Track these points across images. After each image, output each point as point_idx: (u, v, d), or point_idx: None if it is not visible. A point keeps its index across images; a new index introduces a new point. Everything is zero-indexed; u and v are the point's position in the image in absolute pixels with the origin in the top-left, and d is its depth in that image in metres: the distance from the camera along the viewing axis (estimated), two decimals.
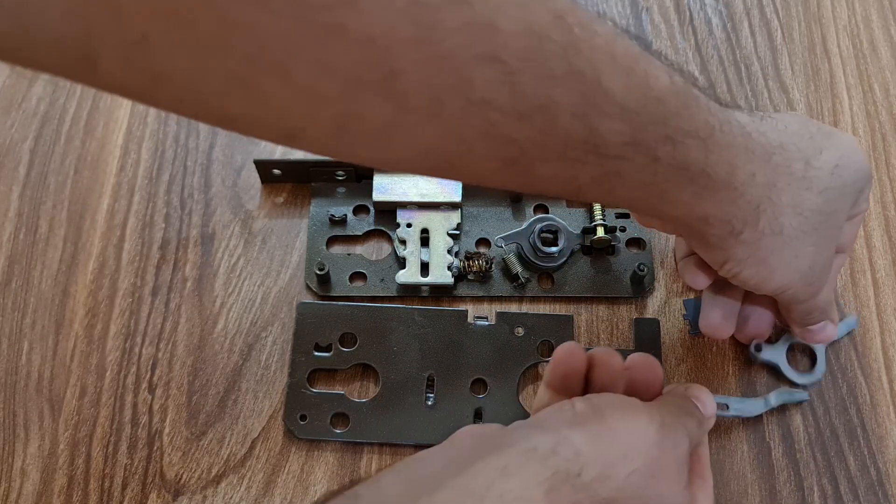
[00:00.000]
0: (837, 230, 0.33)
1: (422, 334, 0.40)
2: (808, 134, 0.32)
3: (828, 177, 0.31)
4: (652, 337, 0.41)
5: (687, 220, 0.31)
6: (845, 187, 0.32)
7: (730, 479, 0.38)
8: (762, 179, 0.30)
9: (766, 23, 0.52)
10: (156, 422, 0.39)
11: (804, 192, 0.31)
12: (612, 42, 0.26)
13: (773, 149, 0.30)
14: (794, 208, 0.31)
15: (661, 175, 0.28)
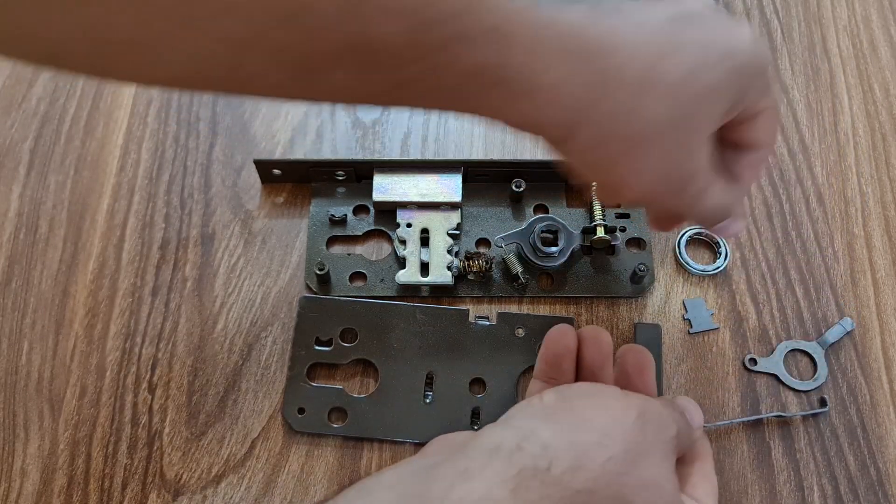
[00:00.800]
0: (699, 134, 0.30)
1: (422, 332, 0.40)
2: (669, 30, 0.29)
3: (677, 82, 0.28)
4: (653, 342, 0.41)
5: (516, 125, 0.29)
6: (707, 90, 0.29)
7: (730, 479, 0.38)
8: (579, 81, 0.27)
9: (766, 23, 0.52)
10: (156, 422, 0.39)
11: (637, 99, 0.28)
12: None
13: (599, 51, 0.27)
14: (625, 116, 0.28)
15: (455, 79, 0.27)
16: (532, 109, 0.28)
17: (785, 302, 0.43)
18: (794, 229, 0.45)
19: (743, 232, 0.38)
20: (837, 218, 0.45)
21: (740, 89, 0.30)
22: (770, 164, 0.46)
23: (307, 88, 0.27)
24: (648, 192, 0.30)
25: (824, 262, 0.44)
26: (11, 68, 0.48)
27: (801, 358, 0.41)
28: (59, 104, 0.47)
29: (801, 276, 0.43)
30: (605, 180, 0.31)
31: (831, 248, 0.44)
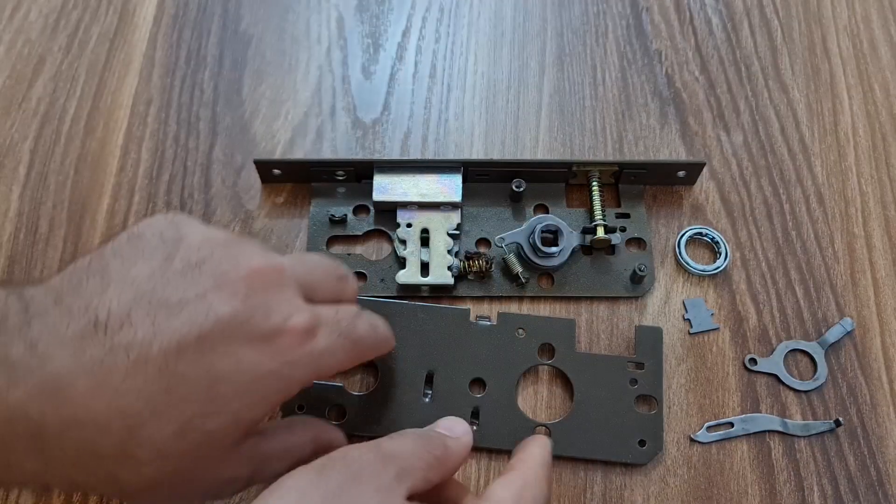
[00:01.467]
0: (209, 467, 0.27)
1: (423, 331, 0.40)
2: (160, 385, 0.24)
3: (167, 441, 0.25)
4: (653, 344, 0.41)
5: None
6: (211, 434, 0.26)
7: (730, 479, 0.38)
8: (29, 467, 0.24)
9: (766, 23, 0.52)
10: None
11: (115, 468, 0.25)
12: None
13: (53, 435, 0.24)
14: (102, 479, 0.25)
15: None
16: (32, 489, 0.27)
17: (785, 302, 0.43)
18: (794, 229, 0.45)
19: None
20: (837, 218, 0.45)
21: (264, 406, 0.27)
22: (770, 164, 0.46)
23: None
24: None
25: (824, 262, 0.44)
26: (11, 68, 0.48)
27: (802, 358, 0.41)
28: (59, 104, 0.47)
29: (802, 277, 0.43)
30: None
31: (831, 248, 0.44)
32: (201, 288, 0.26)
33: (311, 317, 0.28)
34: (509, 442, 0.38)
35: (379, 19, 0.52)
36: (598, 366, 0.40)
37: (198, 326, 0.25)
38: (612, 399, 0.39)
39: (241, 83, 0.49)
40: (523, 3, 0.53)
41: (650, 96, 0.49)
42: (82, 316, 0.24)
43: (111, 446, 0.24)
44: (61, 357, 0.24)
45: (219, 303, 0.26)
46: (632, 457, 0.38)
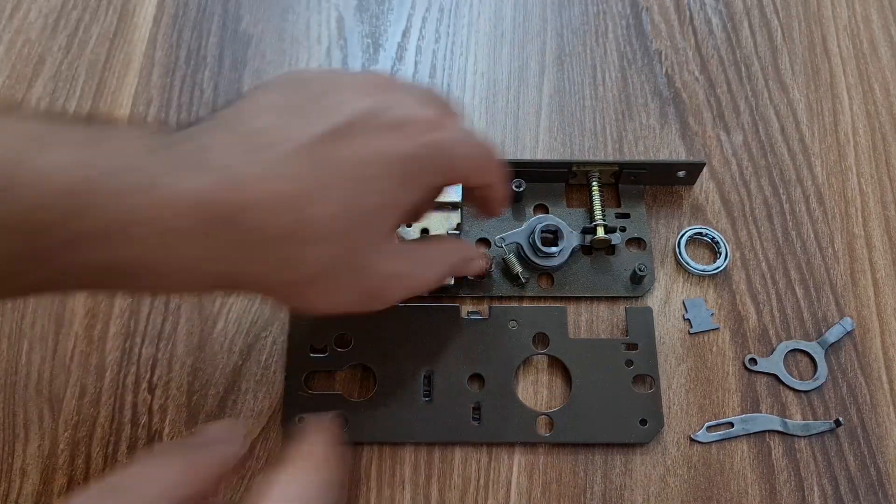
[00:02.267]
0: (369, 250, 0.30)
1: (416, 332, 0.40)
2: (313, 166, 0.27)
3: (331, 217, 0.27)
4: (645, 325, 0.41)
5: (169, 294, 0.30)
6: (367, 216, 0.28)
7: (730, 479, 0.38)
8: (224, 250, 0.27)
9: (766, 23, 0.52)
10: (155, 422, 0.39)
11: (290, 250, 0.27)
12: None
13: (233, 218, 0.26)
14: (280, 270, 0.28)
15: (88, 275, 0.26)
16: (176, 286, 0.29)
17: (785, 302, 0.43)
18: (794, 229, 0.45)
19: (483, 272, 0.39)
20: (837, 218, 0.45)
21: (413, 192, 0.30)
22: (770, 164, 0.46)
23: None
24: (347, 311, 0.31)
25: (824, 262, 0.44)
26: (11, 68, 0.48)
27: (802, 358, 0.41)
28: (59, 104, 0.47)
29: (802, 276, 0.43)
30: (296, 309, 0.31)
31: (831, 248, 0.44)
32: (334, 95, 0.29)
33: (433, 113, 0.31)
34: (513, 435, 0.38)
35: (379, 19, 0.52)
36: (592, 350, 0.40)
37: (339, 119, 0.28)
38: (609, 382, 0.39)
39: (241, 83, 0.49)
40: (523, 3, 0.53)
41: (650, 96, 0.49)
42: (238, 127, 0.28)
43: (282, 227, 0.27)
44: (229, 154, 0.26)
45: (353, 100, 0.29)
46: (634, 437, 0.38)
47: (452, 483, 0.38)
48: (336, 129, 0.28)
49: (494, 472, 0.38)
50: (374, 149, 0.28)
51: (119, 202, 0.25)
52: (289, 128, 0.28)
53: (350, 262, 0.29)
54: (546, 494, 0.38)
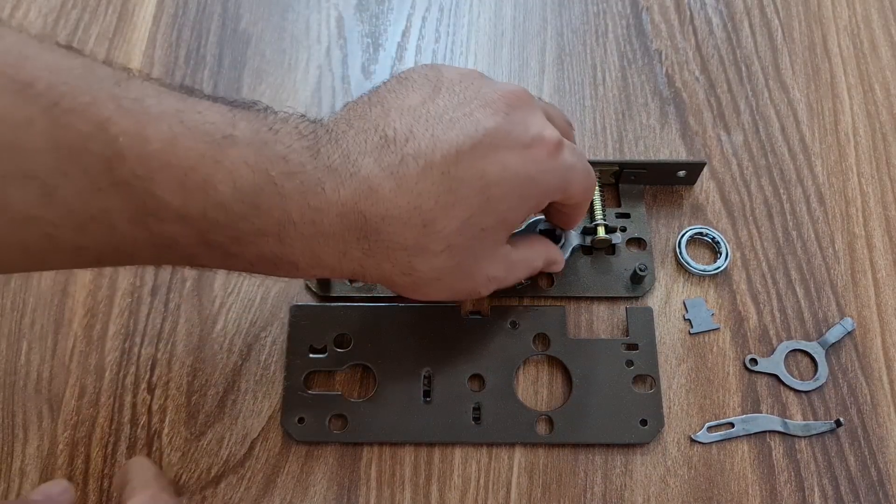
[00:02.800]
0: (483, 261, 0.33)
1: (416, 332, 0.40)
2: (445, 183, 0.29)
3: (453, 233, 0.30)
4: (645, 325, 0.41)
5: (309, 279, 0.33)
6: (483, 233, 0.31)
7: (730, 480, 0.38)
8: (356, 254, 0.30)
9: (767, 22, 0.52)
10: (155, 422, 0.39)
11: (415, 259, 0.30)
12: (167, 150, 0.25)
13: (369, 228, 0.29)
14: (402, 272, 0.31)
15: (243, 265, 0.29)
16: (317, 276, 0.33)
17: (785, 302, 0.43)
18: (794, 229, 0.45)
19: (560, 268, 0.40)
20: (838, 218, 0.45)
21: (530, 209, 0.32)
22: (770, 164, 0.46)
23: (112, 265, 0.30)
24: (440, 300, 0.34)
25: (825, 262, 0.44)
26: None
27: (802, 358, 0.41)
28: None
29: (802, 276, 0.43)
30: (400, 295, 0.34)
31: (832, 248, 0.44)
32: (468, 108, 0.30)
33: (558, 134, 0.32)
34: (512, 436, 0.38)
35: (379, 19, 0.51)
36: (593, 350, 0.40)
37: (470, 137, 0.29)
38: (610, 382, 0.39)
39: (240, 82, 0.48)
40: (523, 3, 0.53)
41: (650, 96, 0.49)
42: (374, 134, 0.29)
43: (412, 238, 0.29)
44: (368, 164, 0.29)
45: (485, 118, 0.30)
46: (635, 437, 0.38)
47: (452, 483, 0.38)
48: (469, 146, 0.29)
49: (494, 472, 0.38)
50: (500, 169, 0.30)
51: (286, 205, 0.27)
52: (426, 140, 0.29)
53: (462, 269, 0.32)
54: (546, 495, 0.38)
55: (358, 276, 0.31)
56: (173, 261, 0.30)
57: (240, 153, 0.27)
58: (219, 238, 0.27)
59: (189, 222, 0.26)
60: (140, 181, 0.25)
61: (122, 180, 0.25)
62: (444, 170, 0.29)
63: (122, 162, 0.25)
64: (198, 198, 0.26)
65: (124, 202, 0.25)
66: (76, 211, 0.25)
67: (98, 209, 0.25)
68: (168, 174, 0.25)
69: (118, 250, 0.27)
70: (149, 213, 0.26)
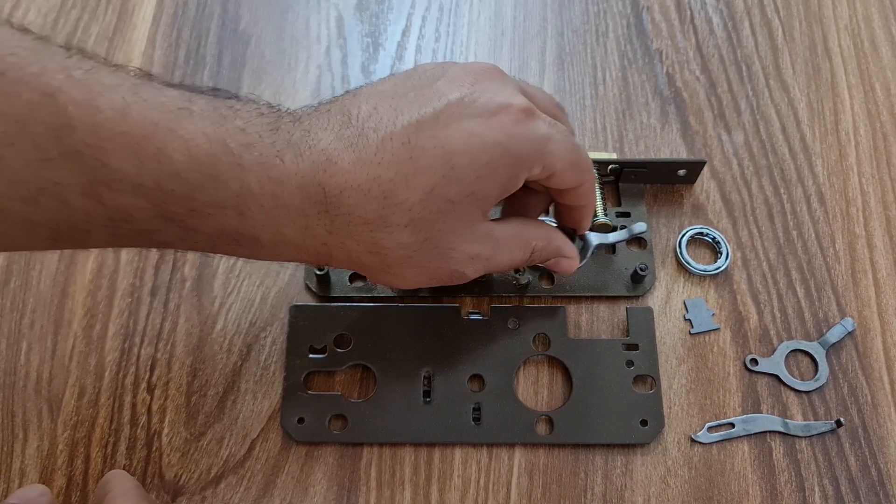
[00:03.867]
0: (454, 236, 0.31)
1: (416, 332, 0.40)
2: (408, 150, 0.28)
3: (417, 204, 0.29)
4: (646, 325, 0.41)
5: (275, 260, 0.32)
6: (451, 205, 0.29)
7: (730, 480, 0.38)
8: (318, 230, 0.29)
9: (767, 22, 0.51)
10: (154, 422, 0.39)
11: (378, 234, 0.29)
12: (120, 119, 0.25)
13: (331, 201, 0.28)
14: (367, 251, 0.30)
15: (204, 241, 0.29)
16: (282, 256, 0.31)
17: (786, 302, 0.42)
18: (795, 229, 0.44)
19: (574, 269, 0.38)
20: (839, 217, 0.45)
21: (504, 180, 0.30)
22: (771, 164, 0.46)
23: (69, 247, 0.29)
24: (425, 283, 0.32)
25: (825, 262, 0.44)
26: None
27: (803, 358, 0.41)
28: None
29: (803, 276, 0.43)
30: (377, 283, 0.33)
31: (832, 248, 0.44)
32: (434, 85, 0.30)
33: (528, 102, 0.31)
34: (512, 436, 0.38)
35: (378, 18, 0.51)
36: (593, 351, 0.40)
37: (433, 108, 0.29)
38: (610, 382, 0.39)
39: (240, 82, 0.48)
40: (523, 3, 0.52)
41: (651, 96, 0.49)
42: (338, 114, 0.29)
43: (373, 211, 0.28)
44: (327, 138, 0.29)
45: (450, 90, 0.30)
46: (635, 437, 0.38)
47: (452, 484, 0.38)
48: (430, 115, 0.29)
49: (494, 472, 0.38)
50: (465, 137, 0.29)
51: (245, 176, 0.27)
52: (388, 114, 0.29)
53: (433, 246, 0.30)
54: (546, 495, 0.38)
55: (324, 258, 0.30)
56: (132, 239, 0.29)
57: (196, 124, 0.26)
58: (176, 210, 0.27)
59: (144, 193, 0.26)
60: (91, 150, 0.25)
61: (72, 150, 0.24)
62: (405, 140, 0.28)
63: (71, 131, 0.24)
64: (152, 167, 0.26)
65: (75, 173, 0.25)
66: (25, 181, 0.24)
67: (48, 180, 0.25)
68: (120, 142, 0.25)
69: (73, 226, 0.27)
70: (101, 184, 0.25)
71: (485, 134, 0.29)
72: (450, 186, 0.29)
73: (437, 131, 0.29)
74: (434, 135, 0.29)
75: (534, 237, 0.35)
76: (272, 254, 0.30)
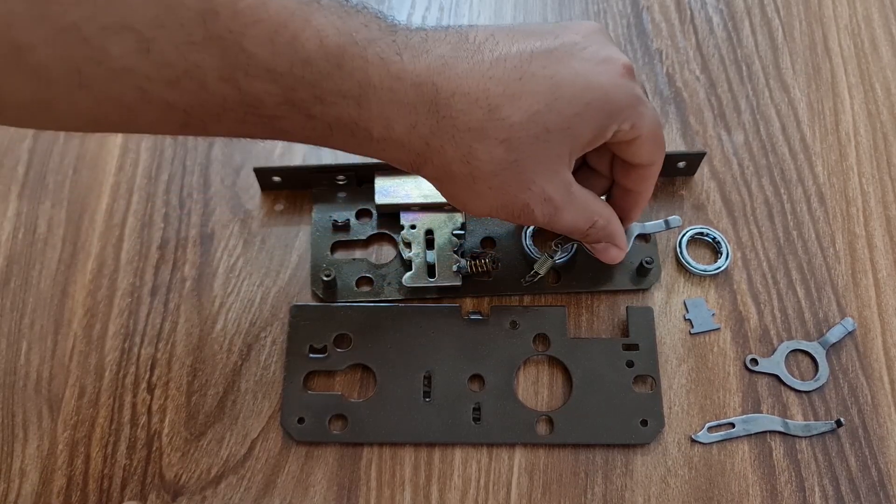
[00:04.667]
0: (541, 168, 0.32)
1: (416, 332, 0.40)
2: (518, 72, 0.31)
3: (515, 126, 0.30)
4: (646, 325, 0.41)
5: (375, 157, 0.32)
6: (549, 133, 0.31)
7: (731, 480, 0.38)
8: (424, 130, 0.30)
9: (767, 22, 0.51)
10: (155, 422, 0.39)
11: (476, 144, 0.31)
12: (259, 7, 0.27)
13: (442, 102, 0.30)
14: (461, 160, 0.31)
15: (321, 130, 0.30)
16: (386, 152, 0.32)
17: (786, 302, 0.42)
18: (795, 229, 0.44)
19: (619, 260, 0.39)
20: (839, 217, 0.45)
21: (597, 125, 0.32)
22: (771, 164, 0.46)
23: (193, 133, 0.30)
24: (491, 215, 0.34)
25: (825, 262, 0.44)
26: None
27: (803, 358, 0.41)
28: None
29: (803, 276, 0.43)
30: (451, 201, 0.34)
31: (832, 248, 0.44)
32: (551, 29, 0.32)
33: (632, 64, 0.33)
34: (513, 436, 0.38)
35: None
36: (593, 350, 0.40)
37: (548, 44, 0.31)
38: (610, 382, 0.39)
39: None
40: (523, 3, 0.52)
41: (651, 95, 0.49)
42: (456, 34, 0.31)
43: (477, 120, 0.30)
44: (444, 48, 0.30)
45: (564, 34, 0.32)
46: (635, 437, 0.38)
47: (453, 483, 0.38)
48: (544, 49, 0.31)
49: (495, 472, 0.38)
50: (573, 74, 0.31)
51: (367, 68, 0.29)
52: (504, 41, 0.31)
53: (519, 171, 0.31)
54: (546, 495, 0.38)
55: (420, 161, 0.32)
56: (256, 126, 0.30)
57: (326, 17, 0.28)
58: (303, 96, 0.28)
59: (276, 79, 0.27)
60: (232, 36, 0.26)
61: (216, 35, 0.26)
62: (518, 63, 0.31)
63: (215, 17, 0.26)
64: (286, 53, 0.27)
65: (216, 57, 0.26)
66: (170, 64, 0.26)
67: (191, 63, 0.26)
68: (259, 29, 0.27)
69: (206, 111, 0.28)
70: (238, 68, 0.27)
71: (591, 76, 0.31)
72: (551, 115, 0.31)
73: (548, 63, 0.31)
74: (546, 65, 0.31)
75: (597, 212, 0.36)
76: (378, 149, 0.31)
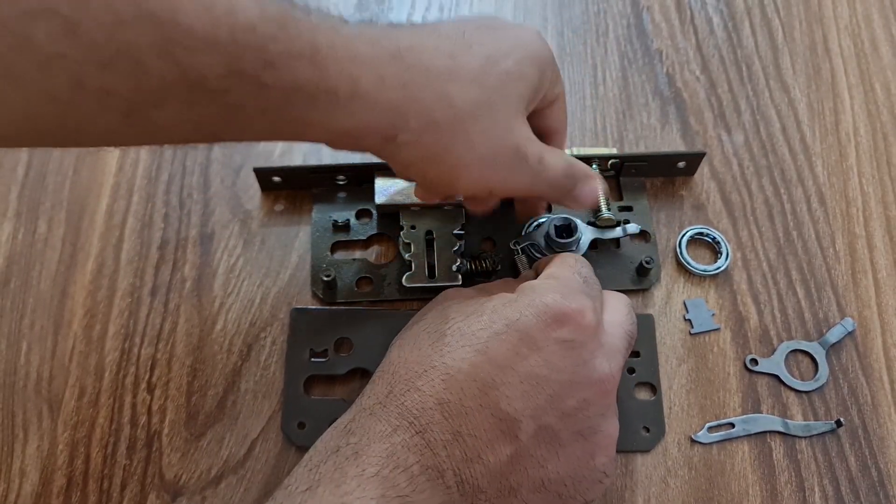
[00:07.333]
0: (510, 111, 0.33)
1: None
2: (460, 31, 0.33)
3: (477, 69, 0.32)
4: (647, 332, 0.41)
5: (341, 139, 0.32)
6: (506, 74, 0.33)
7: (731, 480, 0.38)
8: (394, 82, 0.30)
9: (767, 22, 0.51)
10: (155, 422, 0.39)
11: (450, 85, 0.31)
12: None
13: (407, 49, 0.31)
14: (440, 102, 0.31)
15: (278, 100, 0.29)
16: (355, 117, 0.30)
17: (786, 302, 0.42)
18: (795, 229, 0.44)
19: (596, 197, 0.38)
20: (839, 218, 0.45)
21: (536, 75, 0.34)
22: (771, 164, 0.46)
23: (140, 129, 0.29)
24: (485, 174, 0.34)
25: (825, 262, 0.44)
26: None
27: (803, 358, 0.41)
28: None
29: (803, 277, 0.43)
30: (438, 171, 0.33)
31: (832, 248, 0.44)
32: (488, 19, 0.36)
33: None
34: None
35: (378, 18, 0.51)
36: None
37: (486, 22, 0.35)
38: None
39: None
40: (523, 3, 0.52)
41: (651, 96, 0.49)
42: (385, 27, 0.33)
43: (442, 64, 0.31)
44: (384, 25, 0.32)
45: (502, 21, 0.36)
46: (637, 444, 0.38)
47: None
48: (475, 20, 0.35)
49: None
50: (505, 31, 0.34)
51: (316, 31, 0.29)
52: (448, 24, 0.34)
53: (496, 112, 0.33)
54: None
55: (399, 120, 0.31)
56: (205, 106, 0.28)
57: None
58: (250, 64, 0.27)
59: (218, 49, 0.27)
60: (165, 11, 0.25)
61: (148, 11, 0.25)
62: (457, 26, 0.33)
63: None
64: (226, 22, 0.27)
65: (150, 34, 0.26)
66: (101, 45, 0.25)
67: (123, 42, 0.25)
68: (194, 2, 0.26)
69: (148, 95, 0.27)
70: (176, 43, 0.26)
71: (519, 34, 0.35)
72: (501, 59, 0.33)
73: (480, 25, 0.34)
74: (479, 27, 0.34)
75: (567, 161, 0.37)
76: (346, 113, 0.30)
